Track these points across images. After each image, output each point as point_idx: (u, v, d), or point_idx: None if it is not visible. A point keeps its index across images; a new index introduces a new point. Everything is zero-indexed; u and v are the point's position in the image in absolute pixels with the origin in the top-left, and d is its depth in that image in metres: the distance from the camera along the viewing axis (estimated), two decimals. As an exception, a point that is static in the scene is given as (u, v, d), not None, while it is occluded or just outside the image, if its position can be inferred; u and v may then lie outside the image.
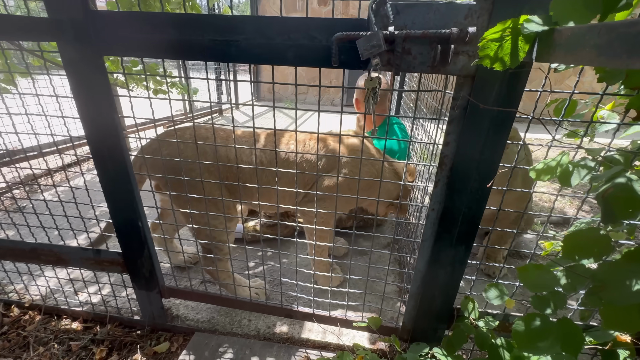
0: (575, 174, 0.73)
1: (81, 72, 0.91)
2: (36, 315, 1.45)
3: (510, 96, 0.74)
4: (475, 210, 0.89)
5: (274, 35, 0.79)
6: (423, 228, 0.98)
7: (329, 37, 0.76)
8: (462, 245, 0.95)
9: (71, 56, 0.89)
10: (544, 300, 0.69)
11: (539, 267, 0.78)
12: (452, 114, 0.80)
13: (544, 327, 0.64)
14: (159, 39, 0.84)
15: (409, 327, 1.17)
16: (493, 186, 0.85)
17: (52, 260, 1.30)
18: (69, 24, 0.84)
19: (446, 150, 0.85)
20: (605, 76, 0.62)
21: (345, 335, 1.37)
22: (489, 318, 1.00)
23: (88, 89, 0.93)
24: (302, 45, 0.79)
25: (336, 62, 0.77)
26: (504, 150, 0.80)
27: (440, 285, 1.03)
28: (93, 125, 0.99)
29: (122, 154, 1.03)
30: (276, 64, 0.83)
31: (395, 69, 0.76)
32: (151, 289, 1.30)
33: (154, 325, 1.41)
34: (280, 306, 1.27)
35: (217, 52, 0.83)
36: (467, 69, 0.74)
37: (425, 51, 0.74)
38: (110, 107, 0.96)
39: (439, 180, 0.89)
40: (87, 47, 0.87)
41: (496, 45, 0.62)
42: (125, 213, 1.14)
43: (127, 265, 1.25)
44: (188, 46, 0.84)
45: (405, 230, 1.97)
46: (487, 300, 0.87)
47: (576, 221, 0.87)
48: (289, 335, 1.36)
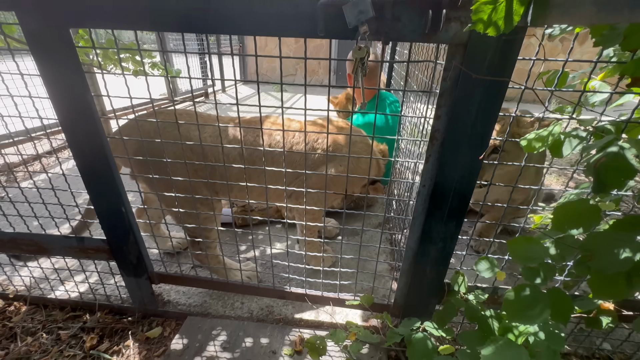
0: (566, 144, 0.72)
1: (46, 47, 0.84)
2: (22, 306, 1.42)
3: (503, 65, 0.71)
4: (467, 185, 0.88)
5: (255, 3, 0.73)
6: (414, 205, 0.97)
7: (314, 4, 0.71)
8: (453, 221, 0.95)
9: (33, 29, 0.81)
10: (533, 271, 0.70)
11: (528, 240, 0.78)
12: (444, 86, 0.77)
13: (534, 296, 0.65)
14: (129, 7, 0.77)
15: (401, 303, 1.18)
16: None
17: (33, 250, 1.26)
18: (27, -9, 0.77)
19: (437, 124, 0.82)
20: (602, 39, 0.59)
21: (338, 314, 1.38)
22: (479, 292, 1.01)
23: (55, 67, 0.86)
24: (284, 14, 0.74)
25: (322, 32, 0.73)
26: (495, 122, 0.78)
27: (431, 261, 1.03)
28: (65, 107, 0.93)
29: (100, 137, 0.97)
30: (258, 34, 0.77)
31: (384, 38, 0.71)
32: (140, 275, 1.28)
33: (145, 311, 1.39)
34: (272, 288, 1.26)
35: (193, 22, 0.77)
36: (459, 37, 0.70)
37: (416, 18, 0.70)
38: (82, 86, 0.90)
39: (430, 156, 0.87)
40: (51, 17, 0.80)
41: (490, 8, 0.59)
42: (107, 199, 1.09)
43: (113, 252, 1.22)
44: (162, 15, 0.77)
45: (397, 209, 1.97)
46: (478, 273, 0.87)
47: (565, 193, 0.87)
48: (283, 316, 1.37)
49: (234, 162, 1.31)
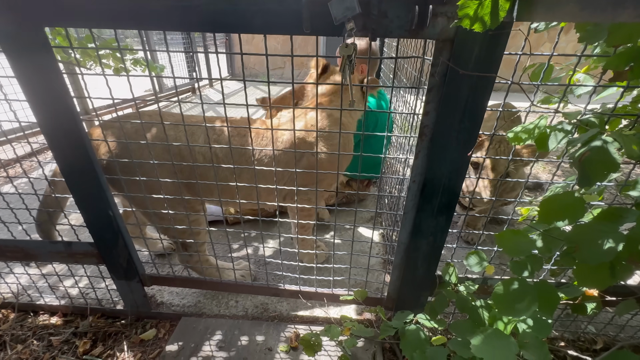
0: (552, 137, 0.73)
1: (19, 47, 0.80)
2: (10, 313, 1.39)
3: (489, 60, 0.71)
4: (455, 180, 0.89)
5: (238, 0, 0.71)
6: (405, 200, 0.98)
7: (299, 1, 0.70)
8: (443, 216, 0.96)
9: (5, 28, 0.78)
10: (521, 265, 0.71)
11: (516, 233, 0.80)
12: (432, 82, 0.77)
13: (522, 289, 0.66)
14: (109, 5, 0.74)
15: (394, 296, 1.20)
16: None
17: (19, 257, 1.22)
18: (-3, -11, 0.73)
19: (426, 120, 0.82)
20: (586, 35, 0.60)
21: (332, 309, 1.40)
22: (469, 283, 1.03)
23: (31, 68, 0.83)
24: (270, 10, 0.72)
25: (308, 28, 0.71)
26: (483, 117, 0.79)
27: (423, 255, 1.05)
28: (44, 110, 0.89)
29: (82, 139, 0.94)
30: (242, 31, 0.75)
31: (371, 34, 0.71)
32: (131, 278, 1.26)
33: (138, 314, 1.38)
34: (266, 286, 1.26)
35: (174, 19, 0.75)
36: (446, 32, 0.70)
37: (403, 13, 0.69)
38: (61, 88, 0.86)
39: (419, 152, 0.88)
40: (25, 17, 0.76)
41: (476, 4, 0.58)
42: (94, 203, 1.07)
43: (103, 256, 1.20)
44: (142, 13, 0.75)
45: (389, 204, 1.99)
46: (468, 268, 0.89)
47: (551, 186, 0.89)
48: (278, 313, 1.37)
49: (220, 162, 1.27)
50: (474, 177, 1.69)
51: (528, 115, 0.80)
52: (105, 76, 0.88)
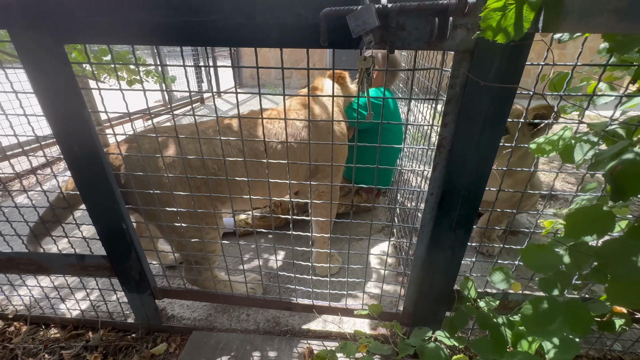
0: (577, 149, 0.70)
1: (40, 64, 0.81)
2: (22, 326, 1.39)
3: (511, 71, 0.70)
4: (475, 192, 0.87)
5: (255, 14, 0.72)
6: (422, 213, 0.95)
7: (316, 14, 0.69)
8: (462, 229, 0.93)
9: (27, 46, 0.79)
10: (550, 282, 0.68)
11: (541, 247, 0.77)
12: (450, 93, 0.76)
13: (552, 309, 0.63)
14: (126, 22, 0.75)
15: (410, 311, 1.16)
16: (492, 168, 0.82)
17: (32, 270, 1.23)
18: (19, 8, 0.74)
19: (444, 131, 0.81)
20: (617, 45, 0.58)
21: (345, 323, 1.36)
22: (489, 298, 1.00)
23: (50, 83, 0.84)
24: (286, 24, 0.72)
25: (325, 42, 0.71)
26: (504, 129, 0.77)
27: (441, 269, 1.02)
28: (61, 123, 0.90)
29: (97, 152, 0.95)
30: (259, 45, 0.75)
31: (389, 47, 0.70)
32: (142, 291, 1.25)
33: (149, 327, 1.37)
34: (279, 299, 1.24)
35: (192, 35, 0.75)
36: (466, 44, 0.68)
37: (421, 25, 0.68)
38: (78, 102, 0.87)
39: (437, 164, 0.86)
40: (45, 35, 0.77)
41: (499, 15, 0.57)
42: (107, 215, 1.07)
43: (115, 268, 1.19)
44: (159, 29, 0.75)
45: (400, 215, 1.96)
46: (493, 285, 0.86)
47: (576, 198, 0.86)
48: (290, 327, 1.35)
49: (235, 163, 1.27)
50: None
51: (551, 125, 0.78)
52: (122, 91, 0.89)
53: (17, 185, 2.62)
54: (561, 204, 2.55)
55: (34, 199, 2.35)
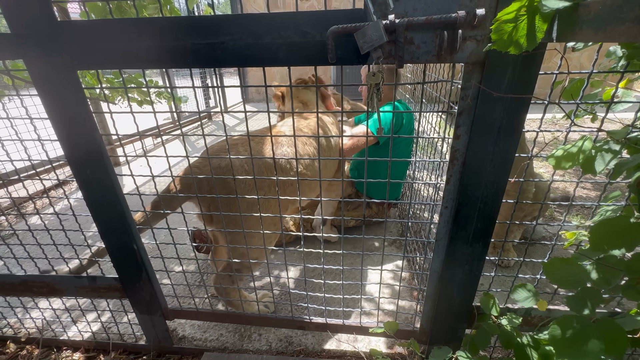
0: (599, 159, 0.67)
1: (54, 90, 0.83)
2: (34, 349, 1.38)
3: (524, 81, 0.68)
4: (492, 205, 0.84)
5: (263, 34, 0.72)
6: (436, 227, 0.93)
7: (323, 32, 0.70)
8: (479, 242, 0.90)
9: (41, 73, 0.81)
10: (579, 301, 0.64)
11: (565, 261, 0.73)
12: (462, 105, 0.74)
13: (584, 330, 0.59)
14: (136, 47, 0.76)
15: (427, 329, 1.12)
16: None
17: (45, 292, 1.23)
18: (35, 38, 0.76)
19: (457, 144, 0.79)
20: (637, 53, 0.56)
21: (360, 342, 1.32)
22: (512, 315, 0.95)
23: (64, 109, 0.85)
24: (294, 43, 0.72)
25: (333, 59, 0.71)
26: (519, 139, 0.75)
27: (458, 284, 0.98)
28: (73, 146, 0.91)
29: (108, 174, 0.96)
30: (267, 65, 0.76)
31: (398, 61, 0.69)
32: (153, 312, 1.24)
33: (160, 349, 1.34)
34: (291, 318, 1.21)
35: (201, 57, 0.76)
36: (476, 56, 0.68)
37: (429, 39, 0.67)
38: (90, 125, 0.89)
39: (450, 177, 0.84)
40: (58, 62, 0.79)
41: (510, 26, 0.56)
42: (118, 236, 1.07)
43: (126, 290, 1.18)
44: (169, 53, 0.76)
45: (412, 227, 1.92)
46: (517, 302, 0.82)
47: (599, 209, 0.83)
48: (303, 347, 1.31)
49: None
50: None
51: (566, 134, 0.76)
52: (133, 113, 0.90)
53: (30, 207, 2.66)
54: (578, 210, 2.47)
55: (45, 219, 2.39)
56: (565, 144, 0.72)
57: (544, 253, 1.83)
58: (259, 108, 6.34)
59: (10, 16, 0.75)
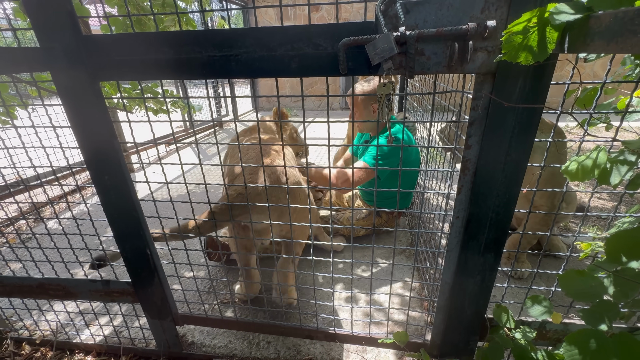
0: (614, 171, 0.67)
1: (77, 100, 0.87)
2: (48, 352, 1.41)
3: (536, 91, 0.68)
4: (504, 215, 0.83)
5: (276, 46, 0.75)
6: (448, 237, 0.92)
7: (335, 44, 0.72)
8: (491, 253, 0.89)
9: (66, 84, 0.85)
10: (595, 315, 0.63)
11: (581, 273, 0.72)
12: (473, 115, 0.75)
13: (600, 347, 0.58)
14: (155, 59, 0.80)
15: (438, 341, 1.10)
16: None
17: (60, 295, 1.26)
18: (61, 51, 0.81)
19: (468, 154, 0.79)
20: (650, 63, 0.56)
21: (369, 352, 1.30)
22: (526, 328, 0.93)
23: (85, 117, 0.89)
24: (306, 55, 0.74)
25: (344, 70, 0.72)
26: (531, 148, 0.74)
27: (470, 296, 0.97)
28: (93, 153, 0.95)
29: (125, 180, 0.99)
30: (280, 76, 0.78)
31: (408, 72, 0.70)
32: (164, 317, 1.25)
33: (169, 354, 1.35)
34: (299, 327, 1.21)
35: (216, 69, 0.79)
36: (487, 66, 0.68)
37: (440, 50, 0.68)
38: (109, 134, 0.92)
39: (462, 186, 0.83)
40: (82, 73, 0.83)
41: (521, 37, 0.57)
42: (132, 241, 1.09)
43: (138, 294, 1.20)
44: (186, 65, 0.79)
45: (422, 236, 1.90)
46: (532, 316, 0.80)
47: (617, 220, 0.81)
48: (311, 356, 1.30)
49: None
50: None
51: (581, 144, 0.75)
52: (150, 122, 0.93)
53: (48, 211, 2.75)
54: (594, 221, 2.40)
55: (62, 223, 2.46)
56: (578, 153, 0.71)
57: (557, 265, 1.78)
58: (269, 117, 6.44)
59: (39, 31, 0.80)
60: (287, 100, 8.15)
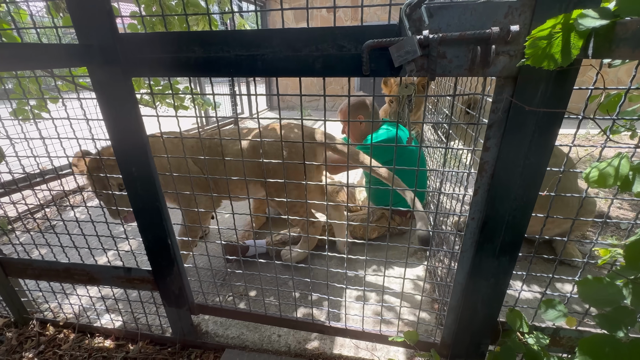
0: (638, 179, 0.66)
1: (110, 94, 0.92)
2: (70, 334, 1.48)
3: (557, 96, 0.69)
4: (521, 218, 0.83)
5: (301, 47, 0.77)
6: (462, 238, 0.93)
7: (358, 46, 0.74)
8: (506, 256, 0.89)
9: (100, 79, 0.90)
10: (611, 320, 0.63)
11: (599, 280, 0.72)
12: (493, 118, 0.75)
13: (616, 351, 0.58)
14: (186, 57, 0.84)
15: (449, 342, 1.10)
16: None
17: (84, 280, 1.32)
18: (98, 48, 0.86)
19: (486, 155, 0.80)
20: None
21: (379, 350, 1.32)
22: (539, 334, 0.93)
23: (117, 111, 0.94)
24: (330, 55, 0.77)
25: (367, 71, 0.74)
26: (551, 153, 0.75)
27: (483, 298, 0.97)
28: (122, 145, 1.00)
29: (151, 172, 1.03)
30: (303, 75, 0.81)
31: (430, 74, 0.72)
32: (181, 305, 1.30)
33: (184, 342, 1.40)
34: (311, 321, 1.23)
35: (243, 68, 0.82)
36: (509, 70, 0.69)
37: (462, 53, 0.70)
38: (139, 127, 0.97)
39: (478, 188, 0.84)
40: (116, 69, 0.88)
41: (545, 43, 0.58)
42: (154, 231, 1.14)
43: (157, 282, 1.25)
44: (214, 63, 0.83)
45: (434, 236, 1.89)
46: (545, 319, 0.80)
47: (638, 228, 0.80)
48: (321, 351, 1.32)
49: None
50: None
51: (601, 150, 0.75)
52: (178, 117, 0.97)
53: (78, 198, 2.86)
54: (612, 231, 2.34)
55: (92, 213, 2.56)
56: (599, 160, 0.71)
57: (570, 273, 1.75)
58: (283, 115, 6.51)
59: (80, 29, 0.85)
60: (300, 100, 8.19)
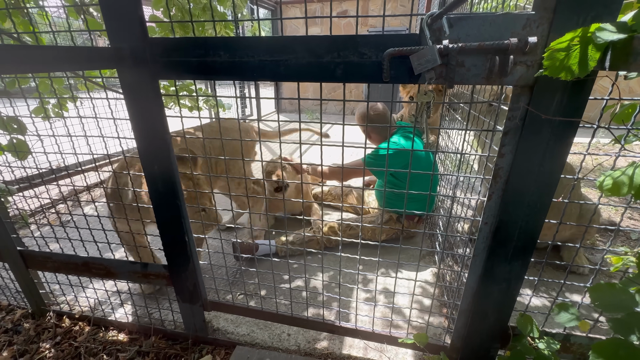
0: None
1: (138, 96, 0.96)
2: (85, 326, 1.52)
3: (573, 105, 0.71)
4: (534, 224, 0.85)
5: (323, 54, 0.81)
6: (474, 242, 0.94)
7: (379, 54, 0.77)
8: (519, 261, 0.91)
9: (129, 81, 0.94)
10: (625, 325, 0.64)
11: (612, 286, 0.73)
12: (508, 125, 0.78)
13: (630, 355, 0.59)
14: (212, 61, 0.88)
15: (458, 345, 1.12)
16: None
17: (102, 274, 1.36)
18: (129, 51, 0.90)
19: (501, 162, 0.82)
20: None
21: (388, 352, 1.33)
22: (550, 339, 0.94)
23: (144, 111, 0.98)
24: (351, 62, 0.80)
25: (387, 78, 0.77)
26: (565, 160, 0.77)
27: (494, 302, 0.98)
28: (146, 144, 1.04)
29: (172, 170, 1.07)
30: (324, 81, 0.84)
31: (448, 82, 0.74)
32: (194, 302, 1.33)
33: (195, 338, 1.43)
34: (322, 321, 1.25)
35: (266, 72, 0.86)
36: (525, 79, 0.71)
37: (480, 63, 0.72)
38: (163, 128, 1.01)
39: (492, 193, 0.86)
40: (145, 72, 0.92)
41: (563, 54, 0.60)
42: (173, 228, 1.18)
43: (172, 278, 1.29)
44: (239, 67, 0.87)
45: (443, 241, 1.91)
46: (559, 323, 0.81)
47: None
48: (330, 351, 1.34)
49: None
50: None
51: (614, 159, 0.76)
52: (200, 118, 1.01)
53: (98, 192, 2.93)
54: (623, 241, 2.32)
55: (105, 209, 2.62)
56: (613, 169, 0.72)
57: (577, 280, 1.74)
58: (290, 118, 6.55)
59: (113, 32, 0.89)
60: (308, 103, 8.25)
